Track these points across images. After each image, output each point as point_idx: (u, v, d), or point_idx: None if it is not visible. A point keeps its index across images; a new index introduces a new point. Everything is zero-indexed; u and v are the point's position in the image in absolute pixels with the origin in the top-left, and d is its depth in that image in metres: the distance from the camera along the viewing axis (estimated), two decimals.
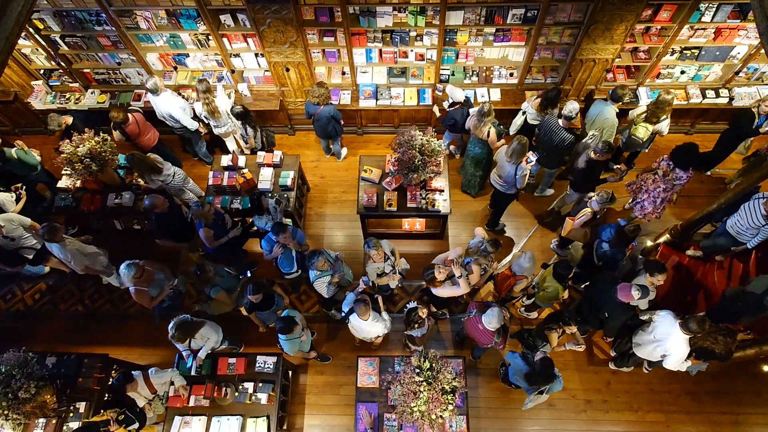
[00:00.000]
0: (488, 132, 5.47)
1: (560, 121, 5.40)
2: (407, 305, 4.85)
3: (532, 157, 5.09)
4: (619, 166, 5.28)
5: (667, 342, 4.30)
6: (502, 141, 5.60)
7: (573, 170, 5.56)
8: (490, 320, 4.21)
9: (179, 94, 6.21)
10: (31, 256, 5.53)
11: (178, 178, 5.80)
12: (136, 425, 4.52)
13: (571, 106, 5.26)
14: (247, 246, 5.99)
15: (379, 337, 4.91)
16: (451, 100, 5.82)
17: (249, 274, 5.26)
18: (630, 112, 5.98)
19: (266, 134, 6.36)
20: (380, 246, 4.67)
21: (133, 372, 4.63)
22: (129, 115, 5.79)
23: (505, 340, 4.46)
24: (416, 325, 4.64)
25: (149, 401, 4.67)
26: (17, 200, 5.64)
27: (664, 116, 5.52)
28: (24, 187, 5.74)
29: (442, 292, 4.69)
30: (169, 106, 5.84)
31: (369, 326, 4.56)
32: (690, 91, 6.43)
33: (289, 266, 5.04)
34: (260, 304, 4.72)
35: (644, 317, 4.63)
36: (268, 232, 4.99)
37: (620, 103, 5.56)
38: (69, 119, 5.90)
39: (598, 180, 5.41)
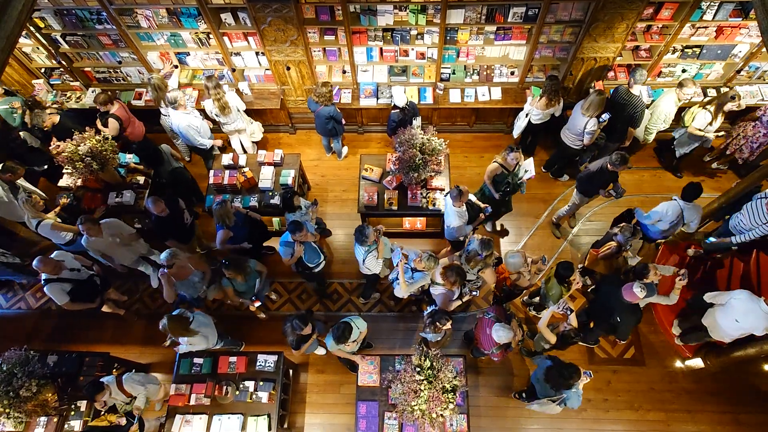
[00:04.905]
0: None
1: (632, 88, 5.50)
2: (430, 306, 4.81)
3: (605, 116, 5.30)
4: (619, 185, 5.28)
5: (755, 323, 4.34)
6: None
7: (585, 169, 5.55)
8: (499, 334, 4.20)
9: (203, 115, 6.11)
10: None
11: (169, 121, 6.00)
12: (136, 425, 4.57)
13: (641, 71, 5.40)
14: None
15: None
16: (392, 103, 5.75)
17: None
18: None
19: None
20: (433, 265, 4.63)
21: (103, 379, 4.57)
22: (114, 100, 5.84)
23: (502, 355, 4.44)
24: (429, 330, 4.60)
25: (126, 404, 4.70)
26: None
27: (705, 107, 5.59)
28: None
29: (439, 292, 4.69)
30: (180, 123, 5.75)
31: (452, 212, 4.90)
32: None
33: (317, 257, 5.03)
34: (306, 335, 4.55)
35: (720, 300, 4.58)
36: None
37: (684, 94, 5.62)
38: (56, 118, 5.84)
39: (598, 188, 5.40)
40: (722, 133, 5.85)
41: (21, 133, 5.99)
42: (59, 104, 6.31)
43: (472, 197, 5.21)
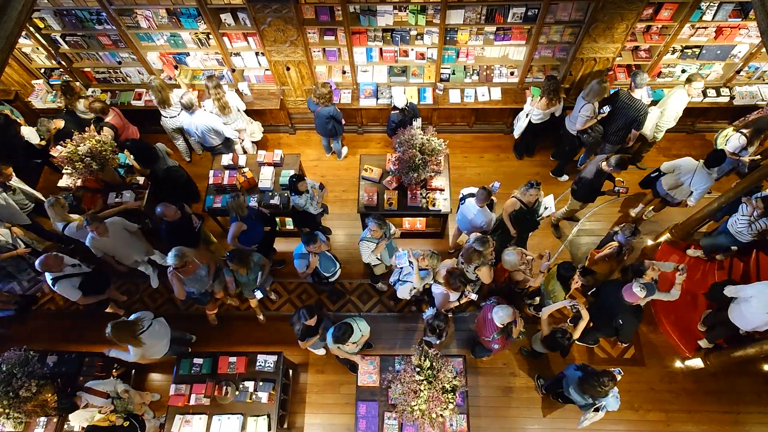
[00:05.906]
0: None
1: (634, 92, 5.51)
2: (428, 309, 4.82)
3: (605, 108, 5.41)
4: (621, 180, 5.22)
5: None
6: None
7: (578, 179, 5.54)
8: (500, 314, 4.22)
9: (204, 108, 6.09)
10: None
11: (173, 122, 6.21)
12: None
13: (642, 75, 5.42)
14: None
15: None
16: (392, 104, 5.80)
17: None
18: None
19: None
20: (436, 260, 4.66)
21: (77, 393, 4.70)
22: (110, 108, 5.88)
23: (503, 343, 4.44)
24: (432, 334, 4.58)
25: (113, 405, 4.69)
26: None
27: (740, 131, 5.44)
28: None
29: (439, 291, 4.69)
30: (208, 121, 5.78)
31: (478, 212, 4.93)
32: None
33: (332, 266, 5.07)
34: (312, 328, 4.55)
35: (744, 294, 4.53)
36: (308, 212, 5.13)
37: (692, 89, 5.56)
38: (60, 123, 5.85)
39: (599, 192, 5.41)
40: (758, 157, 5.54)
41: (23, 128, 5.98)
42: (94, 99, 6.07)
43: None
